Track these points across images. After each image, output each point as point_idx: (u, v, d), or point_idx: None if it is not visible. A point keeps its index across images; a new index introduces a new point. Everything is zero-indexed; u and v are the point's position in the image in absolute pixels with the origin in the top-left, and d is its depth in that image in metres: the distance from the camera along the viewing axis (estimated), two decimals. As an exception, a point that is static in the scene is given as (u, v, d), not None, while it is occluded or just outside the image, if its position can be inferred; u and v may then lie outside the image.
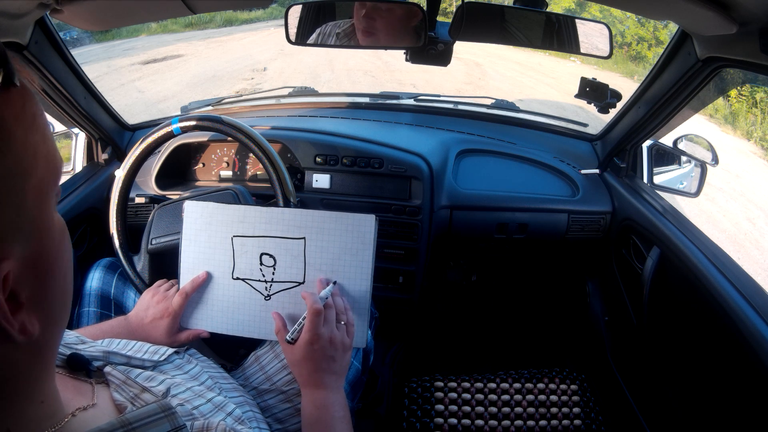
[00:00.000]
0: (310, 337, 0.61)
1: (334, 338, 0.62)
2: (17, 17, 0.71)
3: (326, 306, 0.64)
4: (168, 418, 0.37)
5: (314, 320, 0.62)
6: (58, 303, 0.34)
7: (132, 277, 0.87)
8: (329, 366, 0.62)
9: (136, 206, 1.13)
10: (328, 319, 0.63)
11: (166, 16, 0.95)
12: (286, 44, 0.92)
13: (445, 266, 1.55)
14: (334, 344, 0.62)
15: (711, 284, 0.87)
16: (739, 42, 0.73)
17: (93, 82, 1.11)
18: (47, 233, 0.32)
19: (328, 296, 0.65)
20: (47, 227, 0.32)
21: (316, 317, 0.62)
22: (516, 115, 1.48)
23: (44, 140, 0.32)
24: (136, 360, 0.52)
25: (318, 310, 0.62)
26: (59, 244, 0.33)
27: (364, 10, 0.87)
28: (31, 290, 0.30)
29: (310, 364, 0.62)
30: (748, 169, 4.85)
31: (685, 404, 1.00)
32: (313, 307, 0.62)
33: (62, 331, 0.36)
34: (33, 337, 0.30)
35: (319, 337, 0.61)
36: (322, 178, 1.21)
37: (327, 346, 0.62)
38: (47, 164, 0.31)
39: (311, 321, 0.62)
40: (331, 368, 0.62)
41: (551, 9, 0.98)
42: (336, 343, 0.62)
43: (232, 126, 0.89)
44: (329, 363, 0.62)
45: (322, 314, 0.62)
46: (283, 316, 0.67)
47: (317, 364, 0.62)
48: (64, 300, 0.35)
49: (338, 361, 0.63)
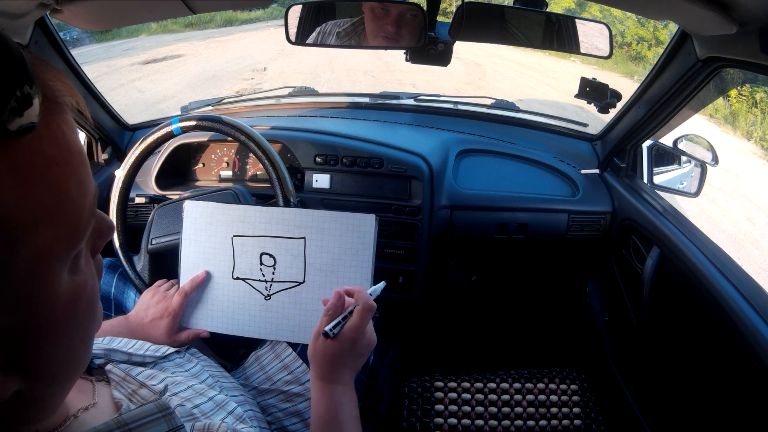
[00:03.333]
0: (355, 336, 0.57)
1: (372, 337, 0.61)
2: (17, 17, 0.71)
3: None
4: (165, 418, 0.37)
5: (366, 317, 0.58)
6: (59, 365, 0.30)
7: (132, 277, 0.87)
8: (354, 362, 0.59)
9: (136, 206, 1.13)
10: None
11: (166, 16, 0.95)
12: (286, 44, 0.92)
13: (445, 266, 1.55)
14: (369, 342, 0.60)
15: (711, 284, 0.87)
16: (739, 42, 0.73)
17: (93, 82, 1.11)
18: (42, 305, 0.26)
19: (378, 293, 0.63)
20: (43, 299, 0.26)
21: (368, 314, 0.58)
22: (516, 115, 1.48)
23: (58, 199, 0.25)
24: (137, 357, 0.52)
25: (372, 307, 0.59)
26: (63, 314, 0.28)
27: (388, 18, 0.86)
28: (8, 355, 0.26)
29: (340, 360, 0.58)
30: (748, 169, 4.85)
31: (685, 404, 1.00)
32: (368, 304, 0.58)
33: (70, 384, 0.33)
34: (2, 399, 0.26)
35: (364, 335, 0.59)
36: (322, 178, 1.21)
37: (364, 344, 0.59)
38: (57, 229, 0.25)
39: (363, 318, 0.58)
40: (355, 365, 0.60)
41: (551, 9, 0.98)
42: (371, 341, 0.60)
43: (232, 126, 0.89)
44: (356, 360, 0.59)
45: (374, 311, 0.60)
46: (281, 318, 0.67)
47: (345, 360, 0.58)
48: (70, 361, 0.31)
49: (364, 357, 0.60)
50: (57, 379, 0.31)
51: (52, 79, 0.25)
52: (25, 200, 0.23)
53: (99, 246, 0.32)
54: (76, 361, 0.32)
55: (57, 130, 0.25)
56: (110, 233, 0.32)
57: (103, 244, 0.32)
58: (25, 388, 0.28)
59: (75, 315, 0.29)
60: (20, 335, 0.26)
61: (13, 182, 0.23)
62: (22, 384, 0.27)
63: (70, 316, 0.29)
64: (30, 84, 0.22)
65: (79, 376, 0.34)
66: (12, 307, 0.25)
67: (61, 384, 0.32)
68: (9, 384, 0.26)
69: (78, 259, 0.29)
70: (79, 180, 0.27)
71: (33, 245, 0.24)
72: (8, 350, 0.26)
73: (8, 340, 0.25)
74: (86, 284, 0.29)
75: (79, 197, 0.27)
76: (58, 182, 0.25)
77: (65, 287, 0.27)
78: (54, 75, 0.26)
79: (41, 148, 0.24)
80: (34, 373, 0.28)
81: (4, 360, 0.26)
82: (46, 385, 0.30)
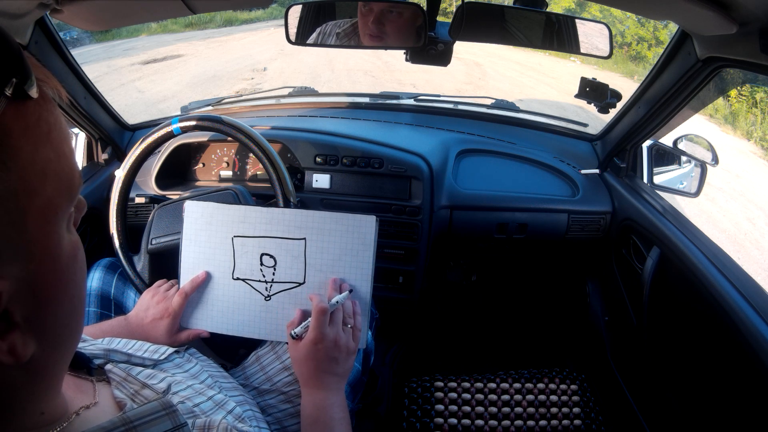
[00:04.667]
0: (314, 336, 0.61)
1: (339, 340, 0.62)
2: (17, 17, 0.71)
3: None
4: (169, 416, 0.37)
5: (320, 319, 0.61)
6: (63, 326, 0.32)
7: (132, 277, 0.87)
8: (331, 367, 0.62)
9: (136, 206, 1.13)
10: (334, 321, 0.63)
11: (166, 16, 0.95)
12: (286, 44, 0.92)
13: (445, 266, 1.55)
14: (338, 346, 0.62)
15: (711, 284, 0.87)
16: (739, 42, 0.73)
17: (93, 82, 1.11)
18: (52, 256, 0.30)
19: (341, 302, 0.64)
20: (53, 249, 0.30)
21: (322, 316, 0.62)
22: (516, 115, 1.48)
23: (58, 157, 0.29)
24: (137, 358, 0.52)
25: (323, 308, 0.62)
26: (67, 267, 0.31)
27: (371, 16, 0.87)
28: (27, 311, 0.29)
29: (312, 364, 0.61)
30: (748, 169, 4.85)
31: (684, 404, 1.00)
32: (318, 306, 0.62)
33: (70, 353, 0.35)
34: (23, 359, 0.28)
35: (324, 336, 0.61)
36: (322, 178, 1.21)
37: (331, 347, 0.62)
38: (58, 183, 0.29)
39: (316, 320, 0.61)
40: (333, 370, 0.62)
41: (551, 9, 0.98)
42: (340, 345, 0.62)
43: (232, 126, 0.89)
44: (331, 364, 0.62)
45: (328, 313, 0.62)
46: (281, 319, 0.67)
47: (319, 364, 0.61)
48: (70, 323, 0.33)
49: (341, 363, 0.63)
50: (62, 342, 0.33)
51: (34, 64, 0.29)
52: (35, 157, 0.28)
53: (77, 219, 0.35)
54: (75, 322, 0.34)
55: (49, 103, 0.30)
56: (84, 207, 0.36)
57: (80, 217, 0.36)
58: (38, 352, 0.30)
59: (75, 270, 0.32)
60: (36, 288, 0.29)
61: (26, 142, 0.27)
62: (36, 346, 0.30)
63: (72, 271, 0.32)
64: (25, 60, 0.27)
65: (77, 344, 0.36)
66: (29, 256, 0.28)
67: (65, 349, 0.34)
68: (28, 344, 0.29)
69: (70, 219, 0.32)
70: (69, 146, 0.32)
71: (43, 194, 0.28)
72: (27, 306, 0.28)
73: (26, 294, 0.28)
74: (79, 243, 0.33)
75: (72, 159, 0.32)
76: (57, 144, 0.30)
77: (66, 241, 0.31)
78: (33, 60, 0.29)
79: (43, 115, 0.29)
80: (46, 332, 0.31)
81: (23, 317, 0.28)
82: (54, 348, 0.32)
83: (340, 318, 0.64)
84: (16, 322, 0.28)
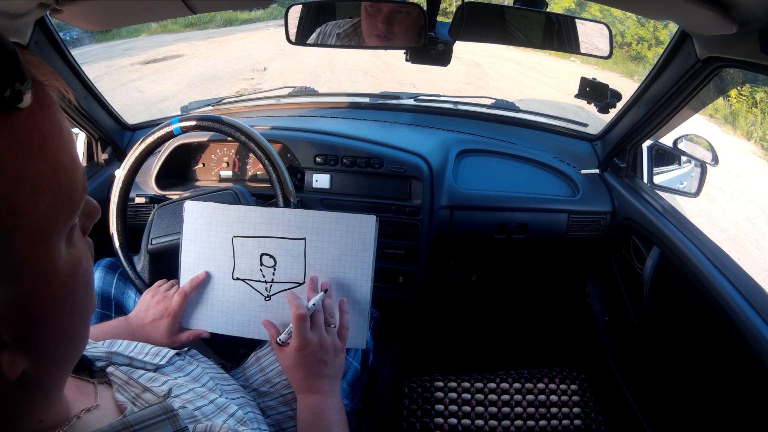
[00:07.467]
0: (298, 343, 0.61)
1: (324, 342, 0.62)
2: (17, 17, 0.71)
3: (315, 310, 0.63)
4: (170, 420, 0.37)
5: (300, 325, 0.61)
6: (59, 343, 0.31)
7: (132, 277, 0.87)
8: (321, 370, 0.62)
9: (136, 206, 1.13)
10: (316, 324, 0.63)
11: (166, 16, 0.95)
12: (286, 44, 0.92)
13: (445, 266, 1.55)
14: (324, 348, 0.62)
15: (711, 284, 0.87)
16: (739, 42, 0.73)
17: (93, 82, 1.11)
18: (45, 276, 0.28)
19: (318, 305, 0.64)
20: (46, 270, 0.28)
21: (302, 322, 0.61)
22: (516, 115, 1.48)
23: (54, 171, 0.27)
24: (138, 362, 0.52)
25: (301, 315, 0.62)
26: (63, 285, 0.29)
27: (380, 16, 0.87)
28: (16, 331, 0.27)
29: (302, 369, 0.62)
30: (748, 169, 4.85)
31: (685, 404, 1.00)
32: (297, 313, 0.62)
33: (70, 366, 0.34)
34: (11, 378, 0.27)
35: (308, 341, 0.61)
36: (322, 178, 1.21)
37: (317, 351, 0.61)
38: (54, 200, 0.27)
39: (297, 326, 0.61)
40: (324, 372, 0.62)
41: (551, 9, 0.98)
42: (326, 346, 0.62)
43: (232, 126, 0.89)
44: (321, 367, 0.62)
45: (307, 319, 0.62)
46: (281, 319, 0.67)
47: (309, 368, 0.61)
48: (70, 338, 0.32)
49: (330, 364, 0.62)
50: (59, 359, 0.32)
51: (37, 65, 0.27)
52: (24, 173, 0.25)
53: (88, 227, 0.33)
54: (76, 338, 0.33)
55: (48, 109, 0.27)
56: (97, 214, 0.34)
57: (92, 224, 0.34)
58: (30, 369, 0.28)
59: (74, 288, 0.30)
60: (26, 308, 0.27)
61: (13, 155, 0.25)
62: (28, 364, 0.28)
63: (70, 289, 0.30)
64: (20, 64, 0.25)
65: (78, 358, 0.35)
66: (17, 278, 0.26)
67: (63, 365, 0.33)
68: (17, 362, 0.27)
69: (73, 232, 0.30)
70: (71, 156, 0.29)
71: (33, 214, 0.26)
72: (15, 326, 0.27)
73: (15, 315, 0.26)
74: (82, 257, 0.31)
75: (72, 171, 0.28)
76: (53, 156, 0.27)
77: (64, 259, 0.29)
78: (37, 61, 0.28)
79: (37, 125, 0.26)
80: (39, 350, 0.29)
81: (11, 337, 0.27)
82: (49, 365, 0.31)
83: (322, 319, 0.64)
84: (5, 341, 0.27)
